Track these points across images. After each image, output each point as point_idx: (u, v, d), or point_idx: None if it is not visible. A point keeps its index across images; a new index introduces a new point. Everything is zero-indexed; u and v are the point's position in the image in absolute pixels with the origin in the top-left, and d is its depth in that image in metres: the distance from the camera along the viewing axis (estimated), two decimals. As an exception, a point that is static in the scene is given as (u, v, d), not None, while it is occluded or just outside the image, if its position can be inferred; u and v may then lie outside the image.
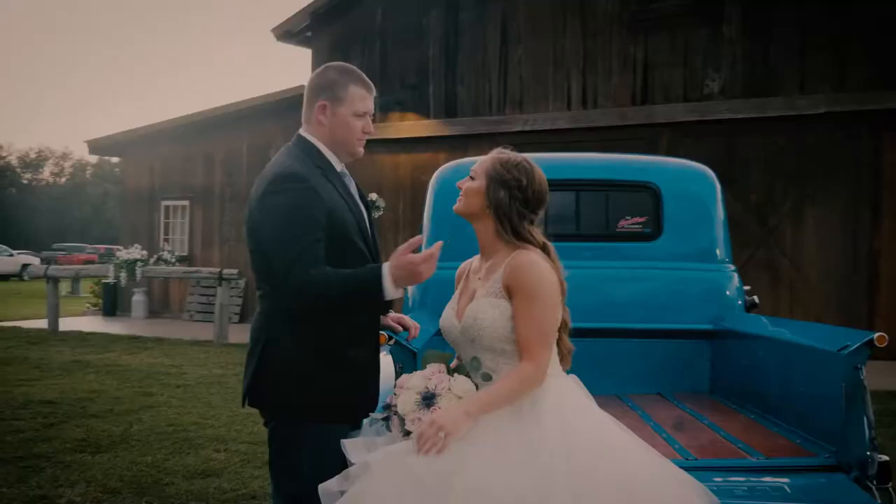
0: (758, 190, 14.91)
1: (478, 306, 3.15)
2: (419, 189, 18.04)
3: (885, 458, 3.46)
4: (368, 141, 3.50)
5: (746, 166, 14.99)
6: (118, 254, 17.26)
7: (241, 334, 16.30)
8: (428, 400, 3.06)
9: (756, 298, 6.03)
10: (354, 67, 3.46)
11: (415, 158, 18.35)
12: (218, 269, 16.12)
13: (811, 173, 14.73)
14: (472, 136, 17.57)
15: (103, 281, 20.79)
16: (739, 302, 5.76)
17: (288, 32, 20.17)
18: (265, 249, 3.17)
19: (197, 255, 20.99)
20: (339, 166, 3.43)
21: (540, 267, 3.12)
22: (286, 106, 19.66)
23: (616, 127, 15.90)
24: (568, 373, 3.23)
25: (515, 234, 3.21)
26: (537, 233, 3.26)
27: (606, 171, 5.93)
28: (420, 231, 5.65)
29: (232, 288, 17.76)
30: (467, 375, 3.17)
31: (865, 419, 3.54)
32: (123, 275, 16.61)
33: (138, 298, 21.00)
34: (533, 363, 3.02)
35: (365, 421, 3.29)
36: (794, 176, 14.75)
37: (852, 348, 3.56)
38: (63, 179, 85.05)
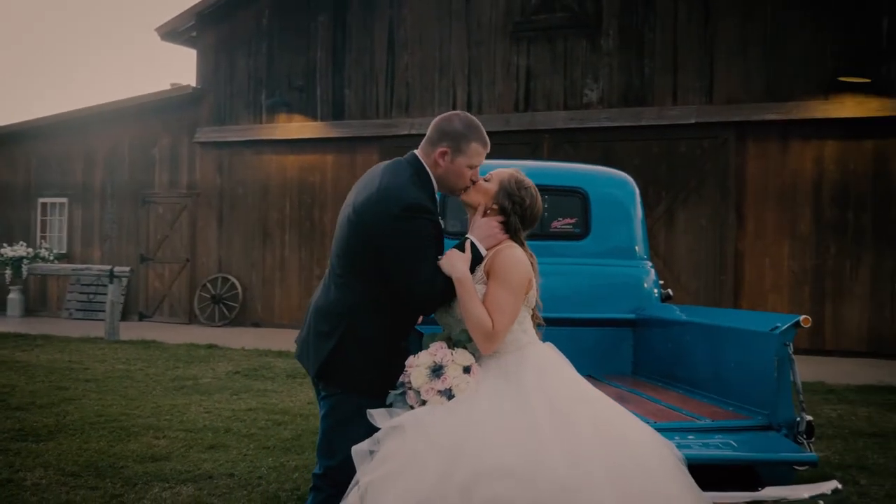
0: (633, 194, 15.84)
1: None
2: (306, 190, 18.55)
3: (810, 417, 4.21)
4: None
5: (623, 171, 15.91)
6: (2, 251, 17.08)
7: (130, 331, 16.43)
8: (437, 371, 3.67)
9: (670, 291, 6.81)
10: (479, 124, 3.98)
11: (302, 160, 18.73)
12: (109, 267, 16.15)
13: (682, 179, 15.80)
14: (360, 138, 18.11)
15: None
16: (656, 293, 6.52)
17: (173, 32, 20.22)
18: (391, 259, 3.76)
19: (76, 253, 20.82)
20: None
21: (516, 259, 3.83)
22: (170, 105, 19.85)
23: (500, 132, 16.60)
24: None
25: (508, 232, 3.93)
26: (522, 234, 3.98)
27: (543, 178, 6.52)
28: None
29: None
30: (464, 348, 3.80)
31: (793, 386, 4.28)
32: (9, 272, 16.47)
33: (14, 297, 20.67)
34: (491, 321, 3.68)
35: (388, 396, 3.85)
36: (667, 181, 15.78)
37: (783, 328, 4.28)
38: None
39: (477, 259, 3.81)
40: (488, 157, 4.06)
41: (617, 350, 6.29)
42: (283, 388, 10.73)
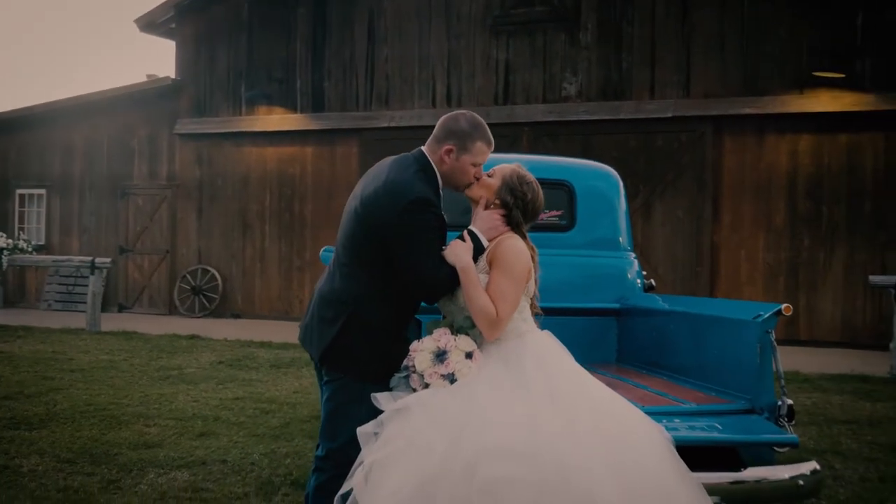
0: (611, 186, 16.06)
1: None
2: (286, 181, 18.64)
3: (790, 401, 4.40)
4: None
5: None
6: (-15, 242, 17.09)
7: (110, 322, 16.48)
8: (441, 356, 3.83)
9: (653, 282, 7.00)
10: (484, 123, 4.16)
11: (281, 151, 18.82)
12: (90, 258, 16.19)
13: (660, 172, 16.02)
14: (340, 130, 18.21)
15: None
16: (639, 283, 6.70)
17: (151, 23, 20.24)
18: (397, 251, 3.91)
19: (55, 245, 20.82)
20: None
21: (518, 250, 3.99)
22: (149, 96, 19.87)
23: (479, 125, 16.76)
24: None
25: (510, 224, 4.07)
26: (524, 227, 4.13)
27: (529, 171, 6.73)
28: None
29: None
30: (466, 335, 3.96)
31: (775, 372, 4.47)
32: (-8, 263, 16.49)
33: (-8, 288, 20.70)
34: (495, 308, 3.84)
35: (392, 380, 4.00)
36: (645, 174, 15.99)
37: (765, 316, 4.47)
38: None
39: (479, 250, 3.97)
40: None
41: (602, 339, 6.47)
42: (267, 378, 10.86)
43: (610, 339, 6.48)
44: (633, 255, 6.78)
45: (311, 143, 18.60)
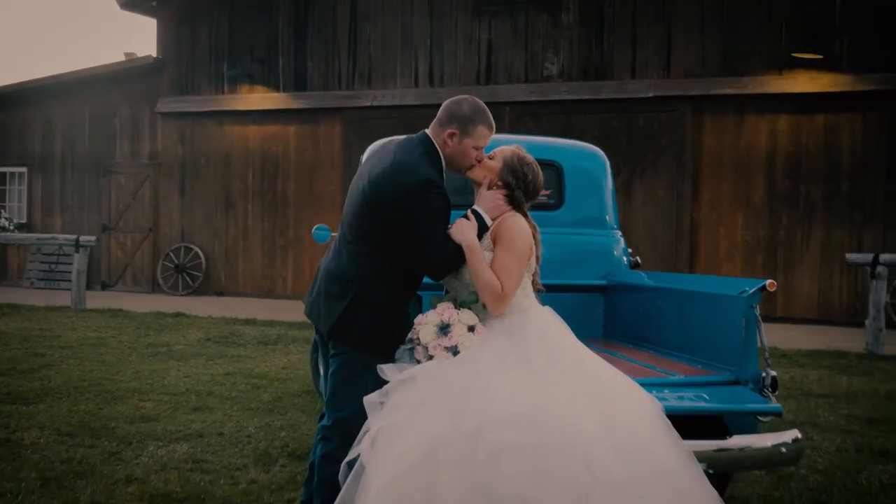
0: (592, 166, 16.26)
1: None
2: (269, 160, 18.73)
3: (774, 373, 4.60)
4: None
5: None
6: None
7: (94, 300, 16.55)
8: (444, 329, 4.01)
9: (638, 259, 7.19)
10: (486, 108, 4.31)
11: (264, 130, 18.90)
12: (75, 236, 16.25)
13: (640, 151, 16.22)
14: (322, 109, 18.30)
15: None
16: (625, 260, 6.89)
17: (132, 0, 20.20)
18: (405, 230, 4.07)
19: (37, 223, 20.83)
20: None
21: (519, 227, 4.16)
22: (130, 75, 19.87)
23: (462, 104, 16.88)
24: None
25: (512, 204, 4.22)
26: (525, 206, 4.29)
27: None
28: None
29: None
30: (469, 309, 4.14)
31: (759, 345, 4.67)
32: (-26, 242, 16.52)
33: (-26, 266, 20.71)
34: (501, 284, 4.02)
35: (397, 352, 4.17)
36: (626, 153, 16.17)
37: (750, 292, 4.67)
38: None
39: (483, 228, 4.13)
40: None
41: (589, 315, 6.65)
42: (256, 354, 11.01)
43: (597, 315, 6.67)
44: (619, 233, 6.97)
45: (294, 122, 18.68)
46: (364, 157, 6.81)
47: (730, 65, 15.74)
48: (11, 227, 19.84)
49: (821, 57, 15.06)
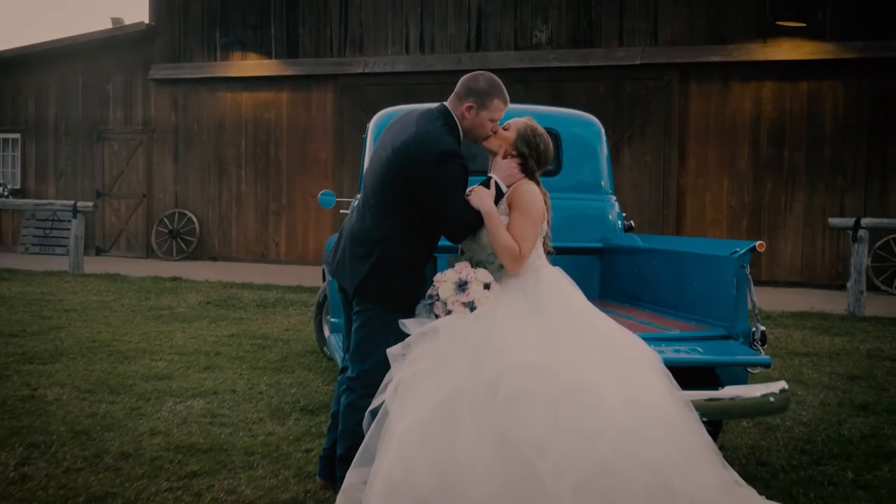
0: (581, 132, 16.59)
1: None
2: (262, 126, 18.95)
3: (763, 327, 4.95)
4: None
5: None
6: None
7: (91, 265, 16.79)
8: (462, 286, 4.34)
9: (632, 223, 7.52)
10: (500, 83, 4.61)
11: (257, 97, 19.11)
12: (72, 202, 16.48)
13: (628, 118, 16.54)
14: (314, 76, 18.53)
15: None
16: (620, 224, 7.22)
17: (123, -32, 20.31)
18: (427, 195, 4.41)
19: (30, 189, 21.02)
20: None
21: (533, 193, 4.49)
22: (123, 42, 20.03)
23: (452, 71, 17.08)
24: None
25: (525, 172, 4.54)
26: (537, 174, 4.62)
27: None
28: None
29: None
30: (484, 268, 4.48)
31: (749, 302, 5.02)
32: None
33: (-33, 232, 20.91)
34: (518, 246, 4.36)
35: (417, 307, 4.51)
36: (614, 120, 16.45)
37: (741, 252, 5.01)
38: None
39: (499, 195, 4.46)
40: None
41: (586, 276, 6.93)
42: (256, 317, 11.32)
43: (593, 277, 6.99)
44: (613, 198, 7.27)
45: (287, 88, 18.91)
46: (371, 124, 7.06)
47: (716, 33, 16.05)
48: (6, 193, 20.03)
49: (804, 25, 15.38)
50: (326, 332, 8.58)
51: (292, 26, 18.81)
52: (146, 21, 19.85)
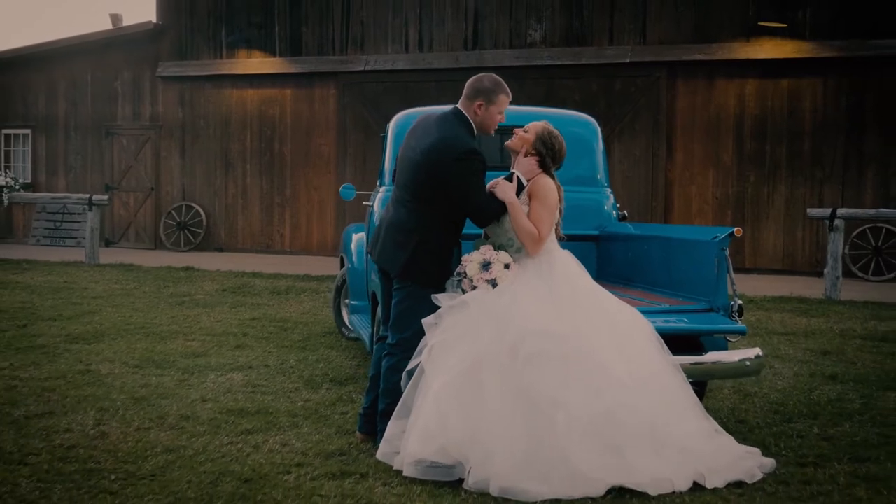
0: (573, 127, 17.41)
1: None
2: (266, 122, 19.70)
3: (741, 301, 5.77)
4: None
5: (563, 107, 17.28)
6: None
7: (103, 256, 17.46)
8: (486, 265, 5.17)
9: (625, 212, 8.34)
10: (501, 80, 5.48)
11: (262, 94, 19.85)
12: (87, 195, 17.20)
13: (619, 114, 17.36)
14: (317, 74, 19.27)
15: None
16: (614, 214, 8.03)
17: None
18: (454, 188, 5.23)
19: (41, 183, 21.73)
20: None
21: (549, 186, 5.34)
22: (132, 40, 20.72)
23: (450, 69, 17.88)
24: None
25: (542, 168, 5.36)
26: (552, 170, 5.44)
27: (523, 120, 7.97)
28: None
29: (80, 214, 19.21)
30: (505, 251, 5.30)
31: (728, 280, 5.84)
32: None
33: (-22, 225, 21.58)
34: (538, 230, 5.18)
35: (447, 283, 5.34)
36: (604, 116, 17.18)
37: (721, 237, 5.82)
38: None
39: (520, 187, 5.28)
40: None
41: (584, 261, 7.58)
42: (273, 303, 12.09)
43: (591, 261, 7.76)
44: (609, 190, 8.10)
45: (291, 85, 19.65)
46: (392, 125, 7.81)
47: (702, 32, 16.87)
48: (18, 187, 20.74)
49: (785, 25, 16.22)
50: (345, 315, 9.39)
51: (296, 25, 19.54)
52: (153, 20, 20.54)
